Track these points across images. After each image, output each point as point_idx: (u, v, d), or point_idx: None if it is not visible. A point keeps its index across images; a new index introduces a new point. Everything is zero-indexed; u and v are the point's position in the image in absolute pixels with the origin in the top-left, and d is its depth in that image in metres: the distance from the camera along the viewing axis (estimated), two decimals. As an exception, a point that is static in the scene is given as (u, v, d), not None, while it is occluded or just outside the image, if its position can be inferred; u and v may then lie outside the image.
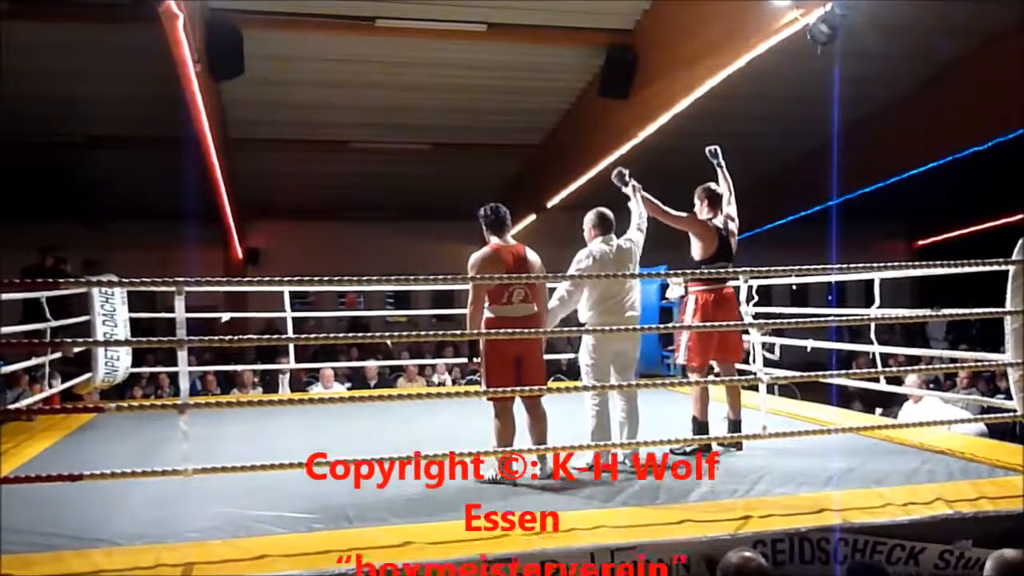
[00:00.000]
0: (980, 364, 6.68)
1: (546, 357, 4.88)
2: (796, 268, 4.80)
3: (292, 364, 8.62)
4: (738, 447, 5.09)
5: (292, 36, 8.87)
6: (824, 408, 6.72)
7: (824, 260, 10.77)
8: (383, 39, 8.96)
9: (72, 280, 5.38)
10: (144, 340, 7.48)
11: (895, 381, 6.71)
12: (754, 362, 5.74)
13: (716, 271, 5.12)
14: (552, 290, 4.92)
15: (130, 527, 3.65)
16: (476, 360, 4.54)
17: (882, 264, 5.14)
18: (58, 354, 6.59)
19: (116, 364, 6.80)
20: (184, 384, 3.98)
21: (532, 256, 4.63)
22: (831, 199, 12.73)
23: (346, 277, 4.32)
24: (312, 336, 6.92)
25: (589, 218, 4.96)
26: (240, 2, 8.05)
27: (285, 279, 4.20)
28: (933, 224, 18.34)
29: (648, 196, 5.13)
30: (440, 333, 4.81)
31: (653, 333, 7.77)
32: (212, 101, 8.91)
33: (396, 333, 4.40)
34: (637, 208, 5.13)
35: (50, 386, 6.61)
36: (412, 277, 4.18)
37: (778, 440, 4.95)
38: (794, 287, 15.93)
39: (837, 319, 6.76)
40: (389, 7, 8.32)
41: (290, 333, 7.70)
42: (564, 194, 12.87)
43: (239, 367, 9.54)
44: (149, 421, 6.30)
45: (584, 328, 4.81)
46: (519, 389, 4.34)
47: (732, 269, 5.17)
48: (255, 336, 7.48)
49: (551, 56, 9.91)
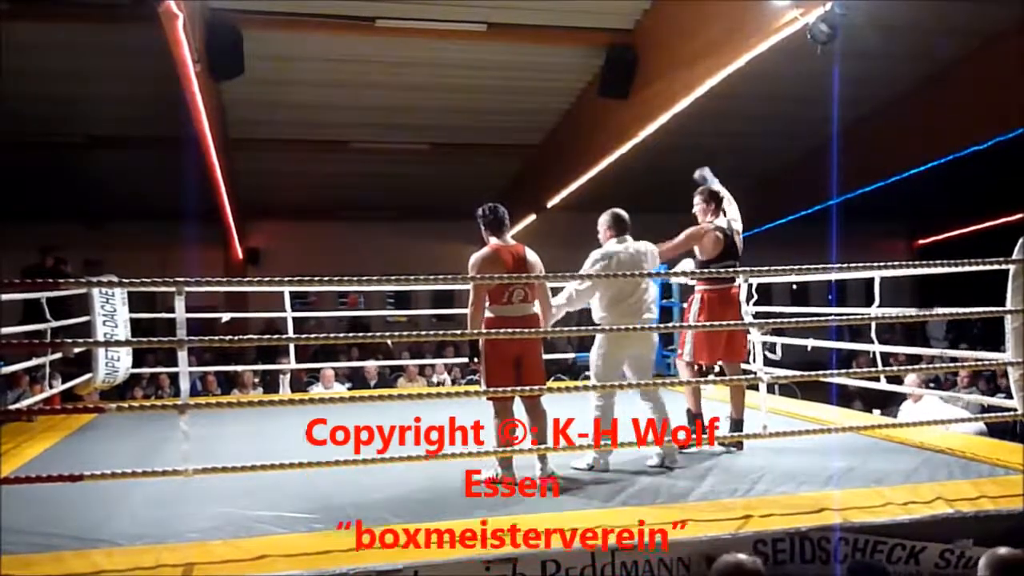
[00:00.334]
0: (980, 363, 6.68)
1: (548, 357, 4.87)
2: (796, 267, 4.80)
3: (292, 364, 8.62)
4: (739, 447, 5.08)
5: (292, 36, 8.87)
6: (824, 407, 6.72)
7: (824, 259, 10.77)
8: (383, 39, 8.97)
9: (72, 280, 5.38)
10: (144, 340, 7.48)
11: (895, 380, 6.71)
12: (755, 361, 5.75)
13: (720, 271, 5.12)
14: (556, 290, 4.90)
15: (130, 527, 3.66)
16: (476, 360, 4.54)
17: (882, 263, 5.13)
18: (58, 354, 6.58)
19: (117, 364, 6.80)
20: (184, 384, 3.99)
21: (532, 256, 4.62)
22: (831, 198, 12.71)
23: (346, 277, 4.32)
24: (312, 336, 6.91)
25: (604, 219, 4.88)
26: (240, 2, 8.05)
27: (285, 279, 4.21)
28: (933, 223, 18.32)
29: (663, 247, 5.06)
30: (440, 333, 4.81)
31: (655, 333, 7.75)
32: (212, 101, 8.91)
33: (396, 333, 4.39)
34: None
35: (50, 386, 6.61)
36: (412, 277, 4.18)
37: (778, 439, 4.95)
38: (794, 286, 15.97)
39: (837, 318, 6.78)
40: (389, 7, 8.32)
41: (290, 333, 7.70)
42: (564, 194, 12.88)
43: (239, 367, 9.53)
44: (149, 421, 6.30)
45: (585, 328, 4.79)
46: (519, 389, 4.34)
47: (735, 269, 5.17)
48: (255, 336, 7.48)
49: (551, 56, 9.91)
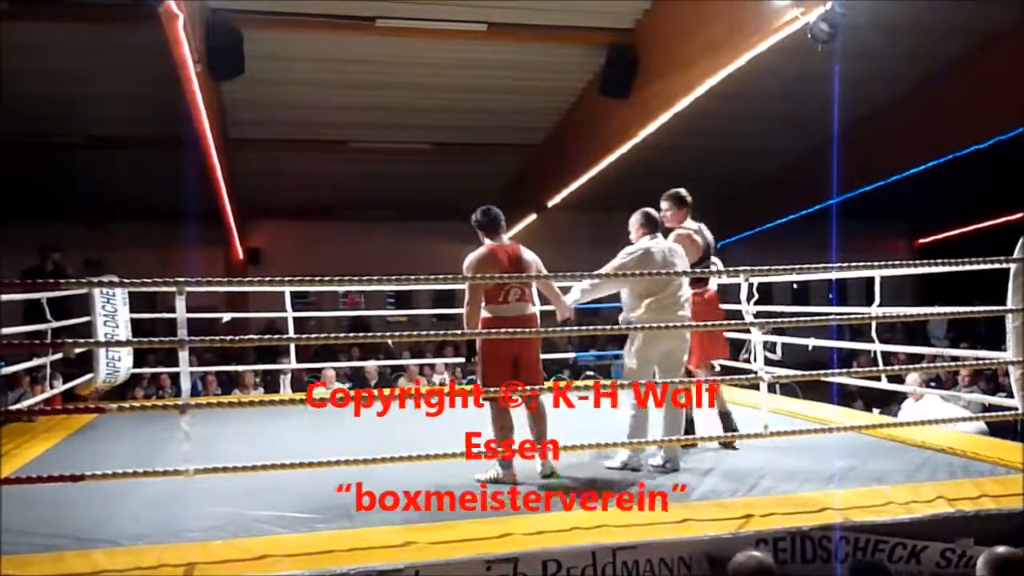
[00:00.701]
0: (981, 362, 6.68)
1: (549, 356, 4.87)
2: (797, 267, 4.80)
3: (293, 364, 8.62)
4: (731, 446, 5.12)
5: (292, 36, 8.87)
6: (825, 407, 6.72)
7: (825, 259, 10.77)
8: (383, 39, 8.96)
9: (73, 281, 5.38)
10: (145, 340, 7.49)
11: (896, 379, 6.71)
12: (755, 361, 5.75)
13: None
14: (565, 289, 4.91)
15: (132, 527, 3.66)
16: (474, 360, 4.54)
17: (883, 262, 5.13)
18: (59, 355, 6.59)
19: (117, 365, 6.81)
20: (185, 384, 3.99)
21: (528, 255, 4.61)
22: (832, 197, 12.71)
23: (347, 277, 4.32)
24: (313, 336, 6.91)
25: (635, 218, 4.88)
26: (240, 2, 8.05)
27: (286, 279, 4.21)
28: (934, 223, 18.31)
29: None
30: (441, 333, 4.81)
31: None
32: (212, 101, 8.91)
33: (397, 333, 4.39)
34: None
35: (51, 387, 6.62)
36: (413, 277, 4.18)
37: (779, 439, 4.95)
38: (795, 286, 15.97)
39: (838, 318, 6.76)
40: (389, 7, 8.32)
41: (291, 333, 7.70)
42: (565, 193, 12.86)
43: (240, 367, 9.53)
44: (150, 421, 6.30)
45: (585, 329, 4.79)
46: (520, 389, 4.33)
47: (718, 269, 5.31)
48: (256, 336, 7.48)
49: (552, 55, 9.91)
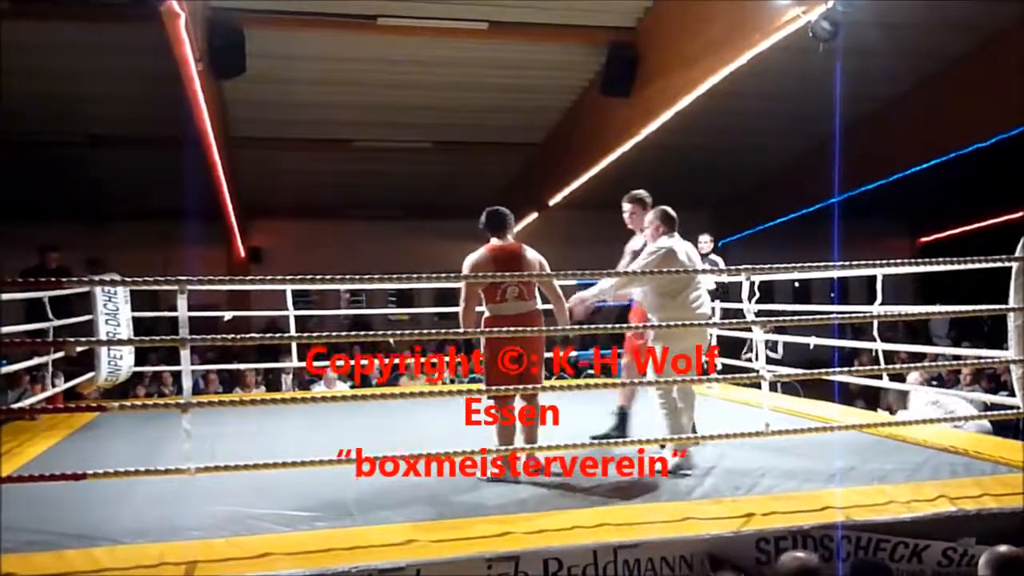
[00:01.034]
0: (983, 361, 6.67)
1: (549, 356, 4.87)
2: (799, 265, 4.80)
3: (295, 363, 8.61)
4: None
5: (294, 34, 8.87)
6: (827, 405, 6.71)
7: (827, 257, 10.75)
8: (385, 38, 8.96)
9: (75, 279, 5.38)
10: (147, 339, 7.48)
11: (898, 378, 6.70)
12: (757, 360, 5.74)
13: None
14: (583, 286, 4.90)
15: (133, 526, 3.66)
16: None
17: (885, 261, 5.13)
18: (61, 353, 6.59)
19: (119, 363, 6.81)
20: (187, 383, 3.98)
21: (530, 254, 4.61)
22: (833, 196, 12.70)
23: (348, 276, 4.32)
24: (314, 334, 6.89)
25: (652, 216, 4.78)
26: (242, 1, 8.05)
27: (287, 278, 4.21)
28: (936, 221, 18.29)
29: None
30: (442, 331, 4.81)
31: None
32: (214, 100, 8.91)
33: (399, 331, 4.39)
34: None
35: (53, 385, 6.62)
36: (414, 276, 4.17)
37: (781, 438, 4.94)
38: (796, 284, 15.96)
39: (840, 316, 6.76)
40: (391, 6, 8.32)
41: (292, 331, 7.69)
42: (566, 192, 12.88)
43: (242, 366, 9.53)
44: (152, 420, 6.30)
45: (585, 328, 4.78)
46: (519, 388, 4.33)
47: (720, 268, 5.31)
48: (257, 335, 7.47)
49: (553, 54, 9.90)
